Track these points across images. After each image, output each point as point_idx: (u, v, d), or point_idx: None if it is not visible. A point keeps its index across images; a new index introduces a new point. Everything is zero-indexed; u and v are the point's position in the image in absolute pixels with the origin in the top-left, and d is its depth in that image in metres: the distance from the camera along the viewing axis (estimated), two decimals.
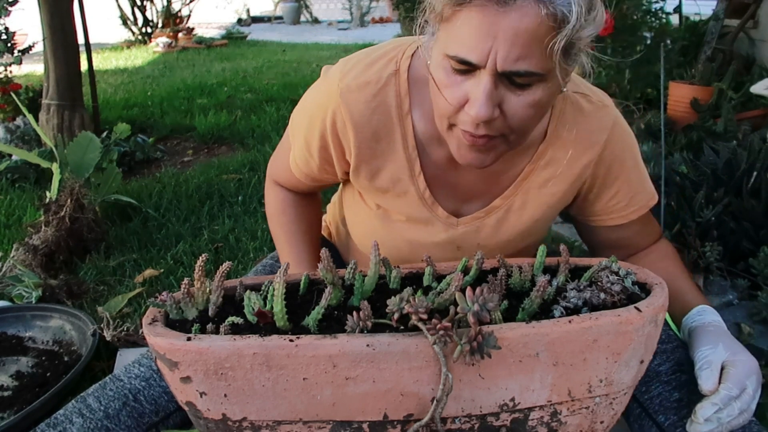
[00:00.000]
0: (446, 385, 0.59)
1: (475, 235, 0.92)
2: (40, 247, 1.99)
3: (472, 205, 0.92)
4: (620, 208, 0.92)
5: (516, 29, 0.63)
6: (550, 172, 0.88)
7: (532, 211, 0.91)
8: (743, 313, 1.69)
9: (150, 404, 0.86)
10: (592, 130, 0.86)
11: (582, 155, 0.87)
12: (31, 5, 3.18)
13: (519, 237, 0.93)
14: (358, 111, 0.84)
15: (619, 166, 0.89)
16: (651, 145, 2.64)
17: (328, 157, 0.91)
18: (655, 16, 3.06)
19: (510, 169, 0.89)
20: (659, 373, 0.83)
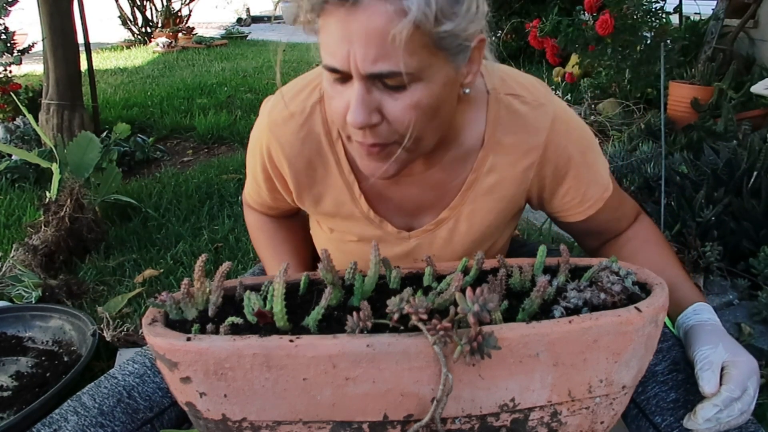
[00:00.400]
0: (446, 385, 0.59)
1: (429, 247, 0.92)
2: (40, 247, 1.99)
3: (422, 218, 0.92)
4: (575, 205, 0.91)
5: (366, 29, 0.62)
6: (494, 178, 0.87)
7: (482, 218, 0.90)
8: (743, 313, 1.69)
9: (144, 400, 0.86)
10: (530, 132, 0.84)
11: (523, 159, 0.85)
12: (30, 5, 3.18)
13: (474, 244, 0.92)
14: (288, 143, 0.86)
15: (566, 163, 0.86)
16: (651, 145, 2.64)
17: (274, 187, 0.94)
18: (655, 16, 3.06)
19: (454, 180, 0.88)
20: (655, 372, 0.82)
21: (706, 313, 0.84)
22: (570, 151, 0.86)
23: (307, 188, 0.90)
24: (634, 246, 0.94)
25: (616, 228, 0.97)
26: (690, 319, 0.84)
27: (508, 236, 1.00)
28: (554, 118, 0.84)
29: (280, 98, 0.87)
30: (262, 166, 0.92)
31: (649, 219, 0.99)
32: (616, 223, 0.96)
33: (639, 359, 0.66)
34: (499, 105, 0.84)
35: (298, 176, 0.89)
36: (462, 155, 0.86)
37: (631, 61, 3.16)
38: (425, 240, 0.92)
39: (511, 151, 0.85)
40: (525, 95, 0.85)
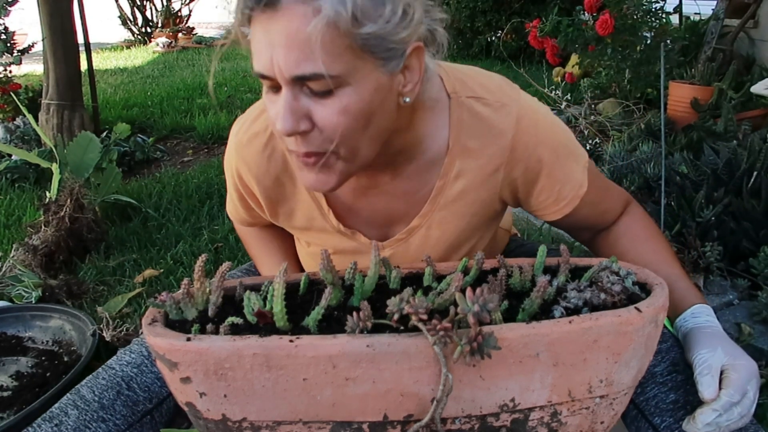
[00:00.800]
0: (446, 385, 0.59)
1: (404, 255, 0.91)
2: (40, 247, 1.99)
3: (394, 228, 0.91)
4: (550, 204, 0.88)
5: (287, 32, 0.62)
6: (463, 183, 0.85)
7: (456, 223, 0.89)
8: (743, 313, 1.69)
9: (143, 391, 0.86)
10: (495, 135, 0.82)
11: (490, 162, 0.83)
12: (30, 5, 3.18)
13: (450, 249, 0.91)
14: (254, 162, 0.87)
15: (537, 163, 0.84)
16: (651, 145, 2.64)
17: (249, 206, 0.96)
18: (655, 16, 3.06)
19: (422, 188, 0.87)
20: (654, 374, 0.82)
21: (704, 315, 0.84)
22: (540, 151, 0.83)
23: (278, 205, 0.91)
24: (627, 242, 0.93)
25: (602, 221, 0.96)
26: (688, 322, 0.84)
27: (488, 238, 0.98)
28: (519, 118, 0.82)
29: (245, 119, 0.89)
30: (235, 186, 0.94)
31: (640, 210, 0.96)
32: (601, 217, 0.95)
33: (639, 359, 0.66)
34: (461, 109, 0.82)
35: (268, 193, 0.90)
36: (428, 163, 0.84)
37: (631, 61, 3.16)
38: (399, 249, 0.92)
39: (477, 155, 0.83)
40: (487, 97, 0.83)
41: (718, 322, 0.83)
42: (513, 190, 0.88)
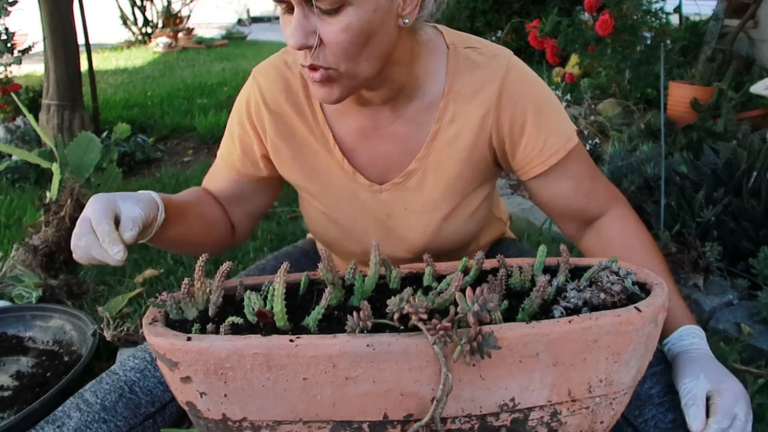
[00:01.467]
0: (446, 385, 0.59)
1: (401, 199, 0.95)
2: (40, 247, 1.99)
3: (393, 172, 0.96)
4: (535, 156, 0.91)
5: None
6: (456, 127, 0.91)
7: (449, 169, 0.93)
8: (743, 313, 1.69)
9: (146, 395, 0.86)
10: (486, 80, 0.89)
11: (480, 106, 0.89)
12: (31, 5, 3.18)
13: (443, 197, 0.94)
14: (268, 90, 0.93)
15: (522, 111, 0.89)
16: (651, 145, 2.64)
17: (248, 146, 0.98)
18: (655, 16, 3.06)
19: (419, 133, 0.93)
20: (651, 395, 0.82)
21: (690, 337, 0.83)
22: (525, 100, 0.89)
23: (284, 139, 0.95)
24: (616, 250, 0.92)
25: (587, 209, 0.96)
26: (675, 346, 0.84)
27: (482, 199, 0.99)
28: (508, 68, 0.89)
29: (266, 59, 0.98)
30: (240, 120, 0.97)
31: (633, 214, 0.97)
32: (585, 201, 0.95)
33: (639, 359, 0.66)
34: (458, 57, 0.90)
35: (277, 125, 0.94)
36: (425, 107, 0.91)
37: (631, 61, 3.16)
38: (396, 192, 0.95)
39: (470, 100, 0.89)
40: (481, 48, 0.91)
41: (704, 343, 0.83)
42: (500, 140, 0.92)
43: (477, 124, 0.90)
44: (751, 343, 1.58)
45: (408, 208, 0.95)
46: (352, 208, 0.97)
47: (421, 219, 0.95)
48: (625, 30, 2.97)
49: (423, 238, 0.96)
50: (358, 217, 0.97)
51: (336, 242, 1.02)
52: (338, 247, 1.04)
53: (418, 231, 0.96)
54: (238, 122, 0.99)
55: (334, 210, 0.98)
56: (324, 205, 1.00)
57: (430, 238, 0.96)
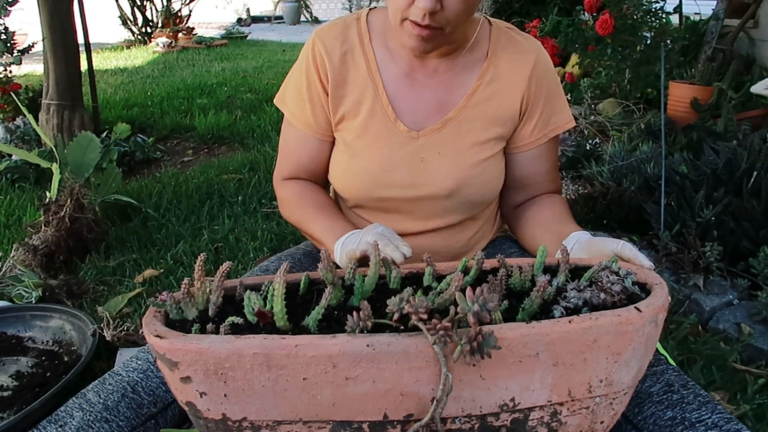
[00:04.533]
0: (446, 385, 0.59)
1: (436, 145, 1.05)
2: (40, 247, 1.99)
3: (429, 120, 1.06)
4: (544, 125, 1.08)
5: None
6: (495, 87, 1.05)
7: (483, 124, 1.06)
8: (743, 313, 1.69)
9: (148, 395, 0.87)
10: (524, 51, 1.06)
11: (519, 70, 1.05)
12: (31, 5, 3.18)
13: (476, 148, 1.06)
14: (329, 42, 1.06)
15: (547, 83, 1.07)
16: (651, 145, 2.64)
17: (317, 97, 1.08)
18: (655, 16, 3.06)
19: (460, 86, 1.06)
20: (651, 394, 0.83)
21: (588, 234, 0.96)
22: (549, 77, 1.08)
23: (340, 85, 1.06)
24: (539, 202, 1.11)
25: (541, 186, 1.13)
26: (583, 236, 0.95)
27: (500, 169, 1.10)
28: (539, 49, 1.08)
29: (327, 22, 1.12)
30: (306, 72, 1.08)
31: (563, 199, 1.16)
32: (544, 179, 1.13)
33: (639, 359, 0.66)
34: (499, 32, 1.07)
35: (335, 72, 1.05)
36: (470, 65, 1.06)
37: (631, 61, 3.15)
38: (431, 139, 1.05)
39: (509, 66, 1.05)
40: (518, 30, 1.10)
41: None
42: (526, 103, 1.07)
43: (512, 88, 1.05)
44: (751, 343, 1.58)
45: (441, 152, 1.05)
46: (385, 151, 1.05)
47: (452, 163, 1.05)
48: (625, 30, 2.97)
49: (455, 180, 1.05)
50: (390, 161, 1.05)
51: (361, 192, 1.09)
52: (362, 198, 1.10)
53: (448, 174, 1.05)
54: (306, 78, 1.08)
55: (368, 155, 1.06)
56: (359, 151, 1.07)
57: (458, 183, 1.05)
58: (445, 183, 1.05)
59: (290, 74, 1.14)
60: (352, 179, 1.08)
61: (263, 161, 3.22)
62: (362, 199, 1.11)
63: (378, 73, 1.06)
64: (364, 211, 1.14)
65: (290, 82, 1.13)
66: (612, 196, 2.21)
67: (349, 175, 1.08)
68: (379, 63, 1.06)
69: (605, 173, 2.50)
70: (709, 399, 0.82)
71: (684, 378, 0.86)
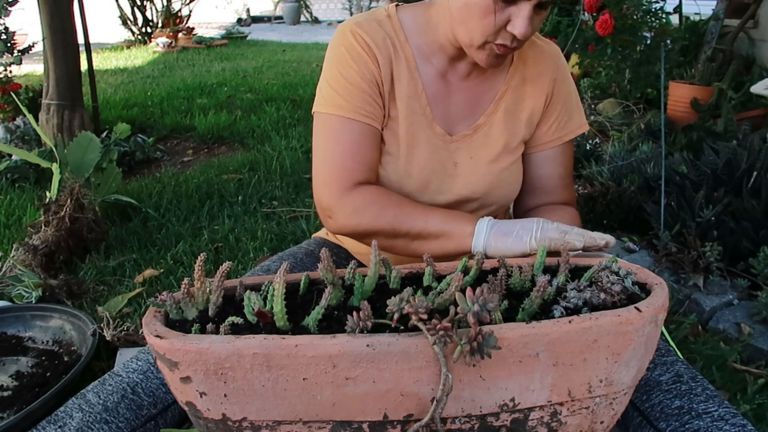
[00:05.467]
0: (446, 385, 0.59)
1: (468, 150, 1.06)
2: (40, 247, 1.99)
3: (460, 125, 1.07)
4: (556, 129, 1.09)
5: None
6: (522, 91, 1.08)
7: (511, 128, 1.08)
8: (743, 313, 1.69)
9: (148, 396, 0.87)
10: (548, 56, 1.09)
11: (542, 76, 1.07)
12: (31, 5, 3.18)
13: (505, 150, 1.07)
14: (373, 33, 1.02)
15: (567, 87, 1.10)
16: (651, 145, 2.64)
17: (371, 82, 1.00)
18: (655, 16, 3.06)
19: (489, 91, 1.07)
20: (660, 382, 0.84)
21: None
22: (569, 81, 1.11)
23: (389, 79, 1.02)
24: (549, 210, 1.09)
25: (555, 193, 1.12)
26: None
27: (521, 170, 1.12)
28: (560, 53, 1.11)
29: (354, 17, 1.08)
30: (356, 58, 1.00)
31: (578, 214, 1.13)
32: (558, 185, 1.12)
33: (639, 359, 0.66)
34: None
35: (384, 63, 1.01)
36: (498, 70, 1.07)
37: (631, 61, 3.16)
38: (464, 143, 1.06)
39: (534, 70, 1.08)
40: (538, 35, 1.11)
41: None
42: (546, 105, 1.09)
43: (537, 91, 1.07)
44: (751, 343, 1.58)
45: (473, 157, 1.06)
46: (424, 153, 1.05)
47: (484, 168, 1.06)
48: (625, 30, 2.97)
49: (486, 185, 1.07)
50: (428, 165, 1.05)
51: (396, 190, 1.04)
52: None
53: (481, 178, 1.06)
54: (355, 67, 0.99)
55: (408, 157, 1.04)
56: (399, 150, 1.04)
57: (490, 187, 1.07)
58: (477, 187, 1.06)
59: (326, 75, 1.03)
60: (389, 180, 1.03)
61: (263, 161, 3.22)
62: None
63: (417, 72, 1.04)
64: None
65: (330, 80, 1.02)
66: (612, 196, 2.21)
67: (388, 175, 1.04)
68: (419, 62, 1.05)
69: (605, 173, 2.50)
70: (716, 393, 0.83)
71: (693, 371, 0.87)
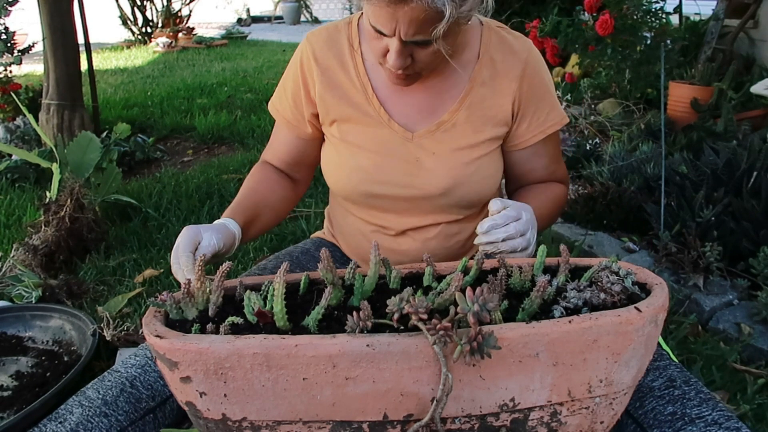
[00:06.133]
0: (446, 385, 0.59)
1: (430, 146, 1.06)
2: (40, 247, 1.99)
3: (422, 122, 1.07)
4: (540, 123, 1.08)
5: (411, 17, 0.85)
6: (487, 89, 1.06)
7: (476, 125, 1.06)
8: (743, 313, 1.69)
9: (147, 390, 0.87)
10: (515, 51, 1.06)
11: (509, 73, 1.05)
12: (31, 5, 3.18)
13: (469, 148, 1.06)
14: (319, 47, 1.09)
15: (539, 82, 1.07)
16: (651, 145, 2.64)
17: (299, 99, 1.11)
18: (655, 16, 3.06)
19: (453, 88, 1.06)
20: (652, 388, 0.84)
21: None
22: (542, 75, 1.08)
23: (329, 89, 1.08)
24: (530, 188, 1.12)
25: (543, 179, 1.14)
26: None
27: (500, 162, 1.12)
28: (530, 48, 1.08)
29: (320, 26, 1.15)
30: (293, 76, 1.12)
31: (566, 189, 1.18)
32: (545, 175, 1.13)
33: (639, 359, 0.66)
34: (491, 32, 1.07)
35: (323, 76, 1.08)
36: (462, 66, 1.05)
37: (631, 61, 3.16)
38: (426, 140, 1.06)
39: (500, 68, 1.06)
40: (507, 28, 1.10)
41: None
42: (519, 105, 1.07)
43: (505, 88, 1.05)
44: (750, 343, 1.58)
45: (436, 153, 1.06)
46: (381, 150, 1.07)
47: (447, 162, 1.05)
48: (625, 30, 2.97)
49: (449, 179, 1.06)
50: (386, 161, 1.07)
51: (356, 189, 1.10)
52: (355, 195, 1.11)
53: (444, 172, 1.06)
54: (292, 78, 1.12)
55: (364, 154, 1.08)
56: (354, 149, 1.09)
57: (453, 182, 1.06)
58: (440, 182, 1.06)
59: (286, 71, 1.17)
60: (349, 176, 1.09)
61: None
62: (355, 196, 1.11)
63: (367, 77, 1.07)
64: (357, 208, 1.15)
65: (283, 78, 1.17)
66: (612, 196, 2.21)
67: (346, 171, 1.09)
68: (368, 67, 1.08)
69: (605, 173, 2.50)
70: (710, 396, 0.82)
71: (686, 374, 0.86)
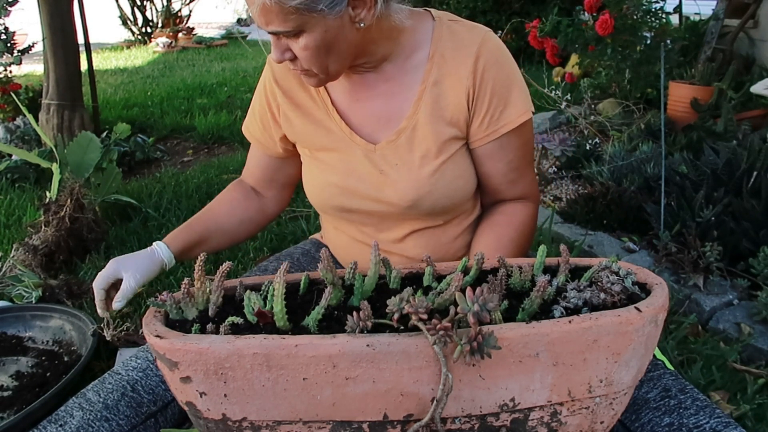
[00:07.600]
0: (446, 385, 0.59)
1: (393, 157, 1.03)
2: (40, 247, 1.99)
3: (383, 132, 1.05)
4: (492, 122, 1.01)
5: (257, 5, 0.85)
6: (440, 88, 1.01)
7: (435, 127, 1.02)
8: (743, 313, 1.69)
9: (148, 394, 0.87)
10: (465, 45, 1.00)
11: (459, 68, 1.00)
12: (31, 5, 3.18)
13: (430, 153, 1.02)
14: (278, 68, 1.09)
15: (494, 75, 0.99)
16: (651, 145, 2.64)
17: (266, 121, 1.13)
18: (655, 16, 3.06)
19: (407, 92, 1.03)
20: (648, 400, 0.83)
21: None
22: (495, 70, 1.00)
23: (292, 109, 1.08)
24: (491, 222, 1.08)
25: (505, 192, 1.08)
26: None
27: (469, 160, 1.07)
28: (485, 39, 1.01)
29: None
30: (260, 99, 1.13)
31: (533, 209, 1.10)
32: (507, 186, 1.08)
33: (639, 359, 0.66)
34: (442, 28, 1.02)
35: (286, 96, 1.08)
36: (412, 69, 1.02)
37: (631, 61, 3.16)
38: (388, 150, 1.04)
39: (451, 64, 1.00)
40: (464, 21, 1.04)
41: None
42: (473, 100, 1.01)
43: (456, 85, 1.00)
44: (750, 343, 1.58)
45: (399, 163, 1.03)
46: (347, 165, 1.06)
47: (411, 173, 1.02)
48: (625, 30, 2.97)
49: (414, 191, 1.03)
50: (352, 175, 1.06)
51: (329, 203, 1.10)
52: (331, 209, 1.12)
53: (408, 184, 1.03)
54: (259, 102, 1.14)
55: (332, 169, 1.08)
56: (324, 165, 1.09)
57: (420, 193, 1.03)
58: (405, 194, 1.02)
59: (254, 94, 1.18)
60: (321, 192, 1.09)
61: None
62: (331, 210, 1.11)
63: (326, 91, 1.07)
64: (337, 221, 1.15)
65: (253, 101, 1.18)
66: (612, 196, 2.21)
67: (318, 187, 1.10)
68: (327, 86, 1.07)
69: (605, 173, 2.50)
70: (707, 403, 0.82)
71: (682, 382, 0.86)
